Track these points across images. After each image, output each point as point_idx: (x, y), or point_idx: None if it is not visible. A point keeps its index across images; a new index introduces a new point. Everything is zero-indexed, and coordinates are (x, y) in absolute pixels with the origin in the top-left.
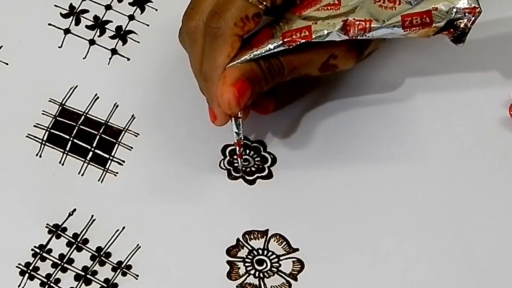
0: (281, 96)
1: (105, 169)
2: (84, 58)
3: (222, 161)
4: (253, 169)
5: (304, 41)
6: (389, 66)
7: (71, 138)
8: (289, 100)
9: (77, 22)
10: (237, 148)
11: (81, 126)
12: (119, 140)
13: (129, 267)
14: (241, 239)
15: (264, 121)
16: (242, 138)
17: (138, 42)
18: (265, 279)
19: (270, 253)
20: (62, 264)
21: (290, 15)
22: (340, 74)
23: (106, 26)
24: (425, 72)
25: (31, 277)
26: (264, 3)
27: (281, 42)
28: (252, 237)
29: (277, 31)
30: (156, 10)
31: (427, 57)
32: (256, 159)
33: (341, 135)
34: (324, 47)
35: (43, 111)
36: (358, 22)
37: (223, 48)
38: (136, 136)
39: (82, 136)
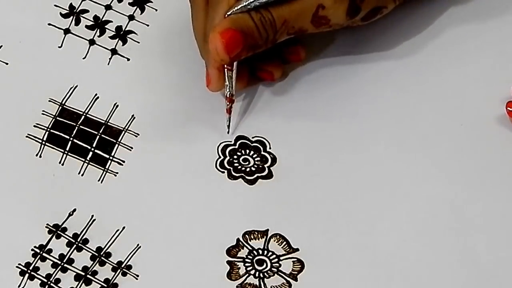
0: (289, 58)
1: (105, 169)
2: (84, 58)
3: (222, 161)
4: (253, 169)
5: None
6: (388, 65)
7: (71, 138)
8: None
9: (77, 22)
10: (226, 103)
11: (81, 126)
12: (119, 140)
13: (129, 267)
14: (241, 239)
15: (264, 121)
16: (233, 94)
17: (138, 42)
18: (265, 279)
19: (270, 253)
20: (62, 264)
21: None
22: (340, 72)
23: (106, 26)
24: (424, 71)
25: (31, 277)
26: None
27: None
28: (252, 237)
29: None
30: (156, 10)
31: (425, 55)
32: (256, 159)
33: (341, 135)
34: None
35: (43, 111)
36: None
37: (220, 8)
38: (136, 136)
39: (82, 136)
